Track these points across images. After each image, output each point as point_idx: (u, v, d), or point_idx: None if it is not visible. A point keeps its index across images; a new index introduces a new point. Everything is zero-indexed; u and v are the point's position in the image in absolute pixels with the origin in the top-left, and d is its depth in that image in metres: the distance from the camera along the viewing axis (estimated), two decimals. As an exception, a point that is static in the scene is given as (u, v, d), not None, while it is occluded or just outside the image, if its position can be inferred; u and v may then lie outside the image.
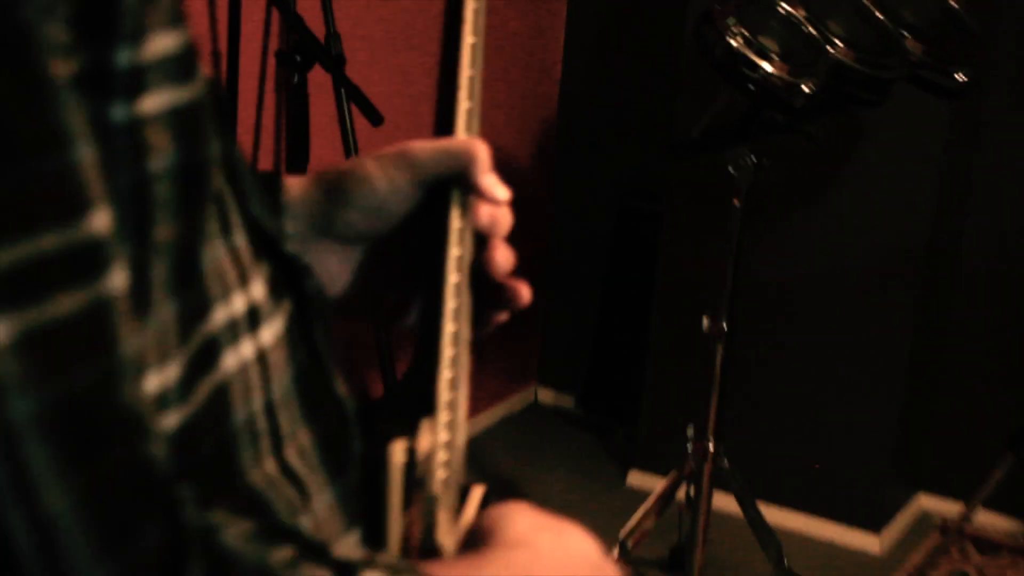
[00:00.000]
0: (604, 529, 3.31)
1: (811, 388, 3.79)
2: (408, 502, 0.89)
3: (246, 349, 0.80)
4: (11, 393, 0.57)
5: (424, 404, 0.93)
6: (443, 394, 0.94)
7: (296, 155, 3.10)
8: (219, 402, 0.78)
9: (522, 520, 0.91)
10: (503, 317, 1.06)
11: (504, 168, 1.03)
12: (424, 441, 0.91)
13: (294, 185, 1.04)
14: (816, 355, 3.77)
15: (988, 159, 3.75)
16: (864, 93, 2.99)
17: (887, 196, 3.60)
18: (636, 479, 4.01)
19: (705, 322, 3.09)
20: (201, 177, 0.74)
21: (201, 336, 0.76)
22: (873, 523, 3.77)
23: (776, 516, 3.71)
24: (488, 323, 1.05)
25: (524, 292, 1.02)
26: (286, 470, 0.83)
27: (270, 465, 0.81)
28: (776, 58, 2.80)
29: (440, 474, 0.93)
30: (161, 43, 0.69)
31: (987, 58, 3.54)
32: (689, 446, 3.17)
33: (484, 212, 0.99)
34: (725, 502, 3.34)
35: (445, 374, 0.95)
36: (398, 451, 0.88)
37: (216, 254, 0.78)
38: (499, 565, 0.86)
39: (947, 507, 3.83)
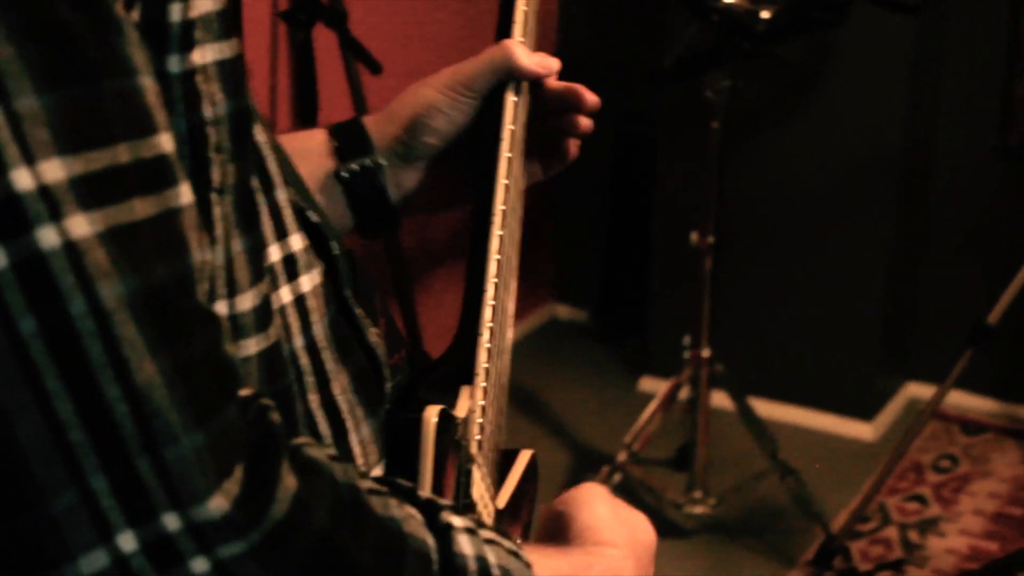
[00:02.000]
0: (618, 431, 3.52)
1: (801, 291, 3.91)
2: (442, 464, 0.92)
3: (284, 294, 0.86)
4: (101, 280, 0.63)
5: (464, 372, 0.99)
6: (481, 363, 1.00)
7: (305, 110, 3.27)
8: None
9: (598, 511, 0.95)
10: (574, 150, 1.20)
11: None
12: (462, 406, 0.96)
13: (370, 124, 1.14)
14: (803, 260, 3.89)
15: (953, 67, 3.85)
16: (824, 14, 3.11)
17: (861, 108, 3.70)
18: (647, 384, 4.13)
19: (693, 237, 3.25)
20: (248, 124, 0.80)
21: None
22: (865, 412, 3.89)
23: (774, 411, 3.86)
24: (563, 152, 1.20)
25: (588, 94, 1.17)
26: (329, 404, 0.89)
27: (313, 400, 0.87)
28: (737, -13, 2.96)
29: (476, 437, 0.98)
30: (206, 2, 0.75)
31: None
32: (686, 354, 3.33)
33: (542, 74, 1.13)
34: (726, 401, 3.47)
35: (485, 343, 1.01)
36: (432, 414, 0.91)
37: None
38: (579, 563, 0.90)
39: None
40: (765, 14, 3.02)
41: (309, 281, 0.90)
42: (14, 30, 0.62)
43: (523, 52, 1.11)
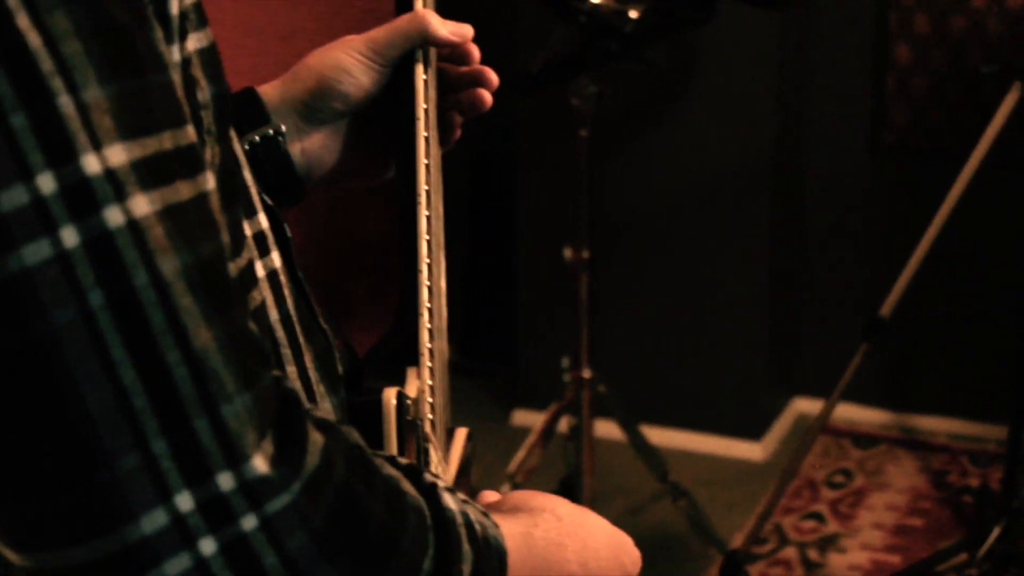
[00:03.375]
0: (493, 469, 3.41)
1: (681, 308, 3.86)
2: (403, 444, 0.98)
3: (259, 268, 0.92)
4: (160, 254, 0.68)
5: (408, 353, 1.04)
6: (425, 343, 1.05)
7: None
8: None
9: (543, 495, 1.01)
10: (461, 120, 1.23)
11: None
12: (411, 387, 1.02)
13: (269, 90, 1.17)
14: (682, 274, 3.84)
15: (821, 65, 3.84)
16: (691, 12, 3.05)
17: (730, 113, 3.69)
18: (520, 417, 4.04)
19: (567, 253, 3.14)
20: (227, 107, 0.85)
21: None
22: (753, 432, 3.85)
23: (659, 436, 3.75)
24: (454, 130, 1.23)
25: (491, 74, 1.20)
26: (304, 376, 0.96)
27: (291, 371, 0.95)
28: (603, -13, 2.88)
29: (429, 416, 1.04)
30: None
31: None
32: (566, 377, 3.21)
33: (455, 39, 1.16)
34: (608, 429, 3.38)
35: (425, 324, 1.05)
36: (390, 396, 0.98)
37: None
38: (527, 522, 0.96)
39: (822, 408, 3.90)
40: (633, 14, 2.95)
41: (277, 258, 0.95)
42: (81, 27, 0.67)
43: (437, 20, 1.14)
